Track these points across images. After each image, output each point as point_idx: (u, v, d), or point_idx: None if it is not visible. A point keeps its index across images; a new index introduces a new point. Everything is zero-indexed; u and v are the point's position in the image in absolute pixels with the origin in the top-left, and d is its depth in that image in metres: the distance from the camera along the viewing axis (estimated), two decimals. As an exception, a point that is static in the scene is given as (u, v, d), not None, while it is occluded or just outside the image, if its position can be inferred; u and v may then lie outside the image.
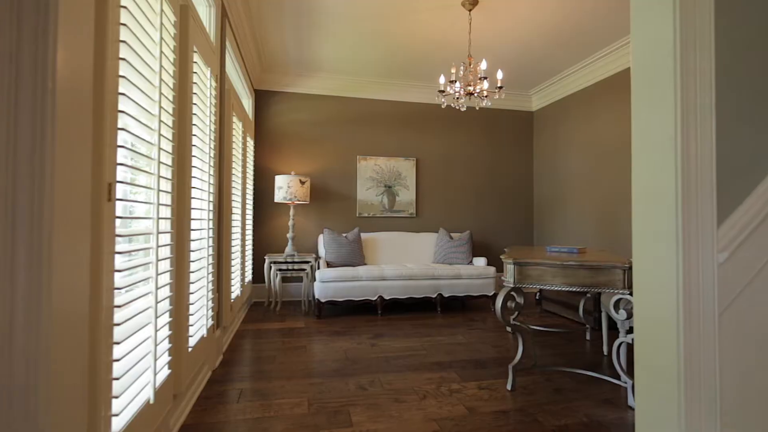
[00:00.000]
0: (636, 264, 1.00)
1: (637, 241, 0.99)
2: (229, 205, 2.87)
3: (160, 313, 1.41)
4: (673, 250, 0.89)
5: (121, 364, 1.14)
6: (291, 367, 2.55)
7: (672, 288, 0.89)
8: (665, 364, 0.89)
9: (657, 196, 0.93)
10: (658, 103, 0.93)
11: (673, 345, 0.88)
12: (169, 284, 1.54)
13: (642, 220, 0.98)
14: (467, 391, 2.20)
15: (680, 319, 0.87)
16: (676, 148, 0.89)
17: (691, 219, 0.88)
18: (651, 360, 0.93)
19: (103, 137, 1.05)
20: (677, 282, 0.88)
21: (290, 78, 4.64)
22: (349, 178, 4.86)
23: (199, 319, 2.04)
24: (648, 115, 0.96)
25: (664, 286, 0.92)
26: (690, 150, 0.88)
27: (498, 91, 3.00)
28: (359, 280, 3.90)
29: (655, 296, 0.94)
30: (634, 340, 1.01)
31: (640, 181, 0.99)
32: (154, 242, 1.35)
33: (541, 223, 5.25)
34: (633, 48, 1.02)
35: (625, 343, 2.13)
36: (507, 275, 2.25)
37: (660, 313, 0.92)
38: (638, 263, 1.00)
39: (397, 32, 3.57)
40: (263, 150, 4.64)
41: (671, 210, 0.90)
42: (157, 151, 1.38)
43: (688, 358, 0.86)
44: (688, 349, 0.86)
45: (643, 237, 0.97)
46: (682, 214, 0.88)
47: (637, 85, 1.01)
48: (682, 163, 0.88)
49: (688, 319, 0.87)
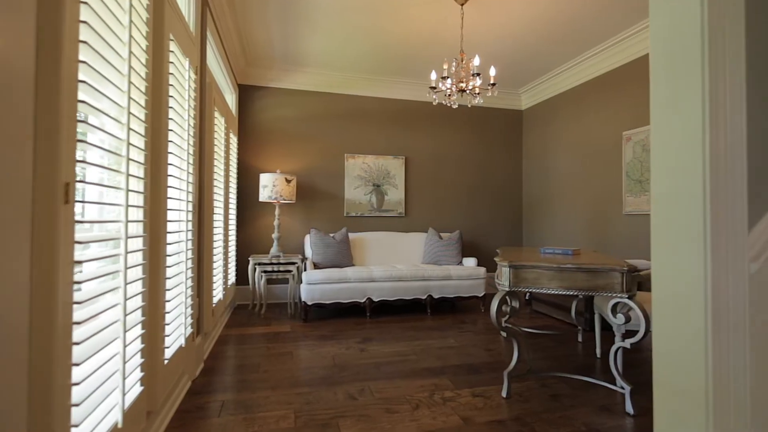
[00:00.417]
0: (656, 273, 0.92)
1: (657, 248, 0.91)
2: (210, 205, 2.72)
3: (130, 326, 1.27)
4: (700, 258, 0.81)
5: (81, 388, 1.01)
6: (276, 375, 2.42)
7: (698, 300, 0.81)
8: (690, 384, 0.81)
9: (681, 199, 0.85)
10: (682, 96, 0.85)
11: (699, 364, 0.80)
12: (141, 293, 1.40)
13: (663, 226, 0.89)
14: (461, 399, 2.12)
15: (708, 335, 0.79)
16: (704, 146, 0.81)
17: (719, 225, 0.80)
18: (673, 379, 0.85)
19: (59, 131, 0.92)
20: (705, 293, 0.80)
21: (276, 73, 4.48)
22: (336, 176, 4.73)
23: (177, 327, 1.91)
24: (670, 110, 0.88)
25: (688, 298, 0.84)
26: (719, 149, 0.80)
27: (491, 88, 2.92)
28: (347, 281, 3.79)
29: (678, 309, 0.85)
30: (652, 358, 0.92)
31: (660, 183, 0.91)
32: (122, 248, 1.22)
33: (530, 223, 5.22)
34: (652, 34, 0.93)
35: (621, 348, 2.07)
36: (502, 278, 2.17)
37: (684, 328, 0.84)
38: (658, 272, 0.91)
39: (388, 27, 3.46)
40: (247, 147, 4.48)
41: (698, 215, 0.82)
42: (126, 147, 1.24)
43: (717, 378, 0.78)
44: (717, 369, 0.78)
45: (664, 244, 0.89)
46: (710, 220, 0.80)
47: (657, 76, 0.92)
48: (710, 162, 0.80)
49: (717, 334, 0.79)
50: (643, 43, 3.52)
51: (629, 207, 3.71)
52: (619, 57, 3.78)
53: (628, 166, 3.74)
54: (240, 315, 3.90)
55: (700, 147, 0.82)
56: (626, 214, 3.75)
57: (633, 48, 3.62)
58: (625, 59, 3.74)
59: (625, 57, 3.73)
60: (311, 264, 3.92)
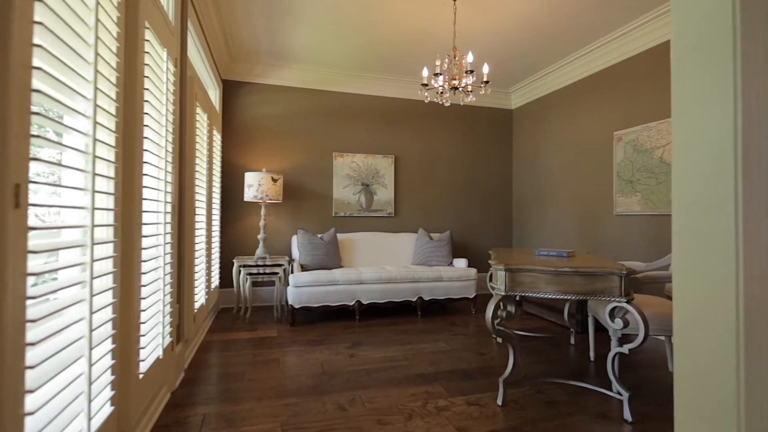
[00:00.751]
0: (678, 286, 0.84)
1: (679, 259, 0.84)
2: (192, 205, 2.58)
3: (98, 342, 1.15)
4: (730, 271, 0.74)
5: (37, 418, 0.89)
6: (262, 384, 2.31)
7: (729, 317, 0.74)
8: (719, 411, 0.74)
9: (708, 205, 0.77)
10: (710, 91, 0.78)
11: (731, 388, 0.73)
12: (111, 304, 1.27)
13: (687, 235, 0.82)
14: (455, 407, 2.04)
15: (741, 356, 0.72)
16: (736, 146, 0.73)
17: (752, 233, 0.73)
18: (698, 403, 0.78)
19: (7, 125, 0.79)
20: (736, 310, 0.73)
21: (261, 68, 4.33)
22: (324, 175, 4.61)
23: (154, 338, 1.78)
24: (695, 107, 0.80)
25: (717, 315, 0.76)
26: (752, 148, 0.73)
27: (484, 86, 2.85)
28: (336, 284, 3.68)
29: (704, 325, 0.78)
30: (673, 375, 0.84)
31: (683, 188, 0.83)
32: (88, 256, 1.09)
33: (520, 223, 5.19)
34: (675, 19, 0.85)
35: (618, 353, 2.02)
36: (498, 282, 2.10)
37: (712, 347, 0.77)
38: (681, 285, 0.84)
39: (378, 22, 3.36)
40: (232, 145, 4.32)
41: (728, 222, 0.74)
42: (92, 143, 1.12)
43: (750, 404, 0.71)
44: (751, 394, 0.71)
45: (688, 254, 0.81)
46: (743, 227, 0.72)
47: (679, 69, 0.84)
48: (743, 165, 0.73)
49: (751, 356, 0.72)
50: (636, 42, 3.49)
51: (620, 207, 3.69)
52: (612, 56, 3.75)
53: (618, 167, 3.72)
54: (224, 319, 3.76)
55: (732, 148, 0.74)
56: (617, 214, 3.73)
57: (626, 47, 3.59)
58: (617, 58, 3.71)
59: (617, 56, 3.71)
60: (298, 266, 3.80)
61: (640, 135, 3.50)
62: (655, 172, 3.37)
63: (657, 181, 3.35)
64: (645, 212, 3.44)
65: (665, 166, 3.29)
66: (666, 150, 3.28)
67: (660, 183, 3.33)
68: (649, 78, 3.42)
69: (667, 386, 2.31)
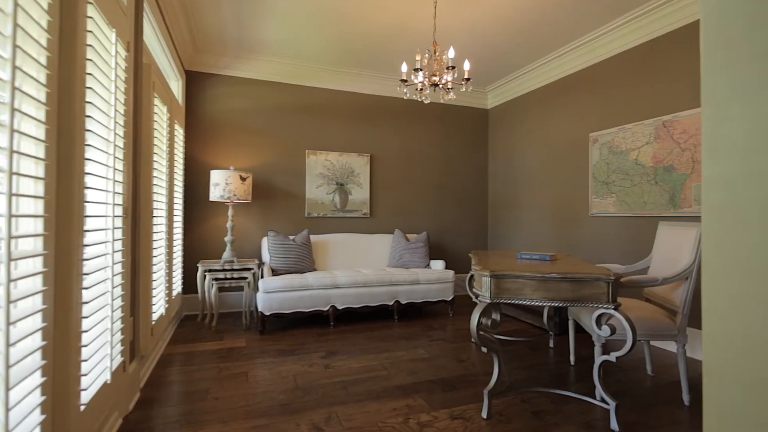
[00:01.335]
0: (708, 305, 0.74)
1: (710, 273, 0.74)
2: (149, 207, 2.34)
3: (19, 380, 0.94)
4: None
5: None
6: (228, 403, 2.10)
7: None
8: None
9: (746, 213, 0.67)
10: (750, 85, 0.68)
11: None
12: (40, 329, 1.06)
13: (720, 246, 0.72)
14: (439, 422, 1.92)
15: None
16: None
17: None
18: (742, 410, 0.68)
19: None
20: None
21: (229, 59, 4.07)
22: (296, 174, 4.40)
23: (100, 360, 1.55)
24: (731, 103, 0.70)
25: (760, 338, 0.66)
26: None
27: (465, 83, 2.75)
28: (309, 288, 3.49)
29: (743, 351, 0.68)
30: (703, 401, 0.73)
31: (714, 192, 0.73)
32: (2, 274, 0.88)
33: (496, 224, 5.16)
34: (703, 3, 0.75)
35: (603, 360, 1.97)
36: (482, 289, 2.00)
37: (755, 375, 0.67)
38: (712, 304, 0.74)
39: (353, 14, 3.19)
40: (196, 140, 4.04)
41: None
42: (8, 134, 0.90)
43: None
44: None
45: (723, 270, 0.72)
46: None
47: (710, 60, 0.74)
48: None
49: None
50: (613, 44, 3.50)
51: (595, 209, 3.70)
52: (588, 57, 3.75)
53: (594, 168, 3.73)
54: (187, 328, 3.49)
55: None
56: (592, 215, 3.74)
57: (603, 48, 3.59)
58: (594, 59, 3.72)
59: (594, 57, 3.71)
60: (269, 270, 3.58)
61: (616, 137, 3.52)
62: (630, 174, 3.38)
63: (632, 183, 3.37)
64: (620, 213, 3.46)
65: (640, 167, 3.31)
66: (641, 152, 3.30)
67: (635, 185, 3.34)
68: (625, 80, 3.44)
69: (649, 391, 2.29)
